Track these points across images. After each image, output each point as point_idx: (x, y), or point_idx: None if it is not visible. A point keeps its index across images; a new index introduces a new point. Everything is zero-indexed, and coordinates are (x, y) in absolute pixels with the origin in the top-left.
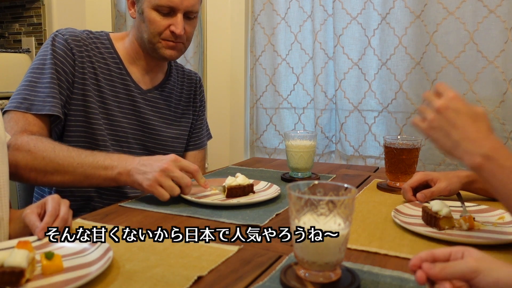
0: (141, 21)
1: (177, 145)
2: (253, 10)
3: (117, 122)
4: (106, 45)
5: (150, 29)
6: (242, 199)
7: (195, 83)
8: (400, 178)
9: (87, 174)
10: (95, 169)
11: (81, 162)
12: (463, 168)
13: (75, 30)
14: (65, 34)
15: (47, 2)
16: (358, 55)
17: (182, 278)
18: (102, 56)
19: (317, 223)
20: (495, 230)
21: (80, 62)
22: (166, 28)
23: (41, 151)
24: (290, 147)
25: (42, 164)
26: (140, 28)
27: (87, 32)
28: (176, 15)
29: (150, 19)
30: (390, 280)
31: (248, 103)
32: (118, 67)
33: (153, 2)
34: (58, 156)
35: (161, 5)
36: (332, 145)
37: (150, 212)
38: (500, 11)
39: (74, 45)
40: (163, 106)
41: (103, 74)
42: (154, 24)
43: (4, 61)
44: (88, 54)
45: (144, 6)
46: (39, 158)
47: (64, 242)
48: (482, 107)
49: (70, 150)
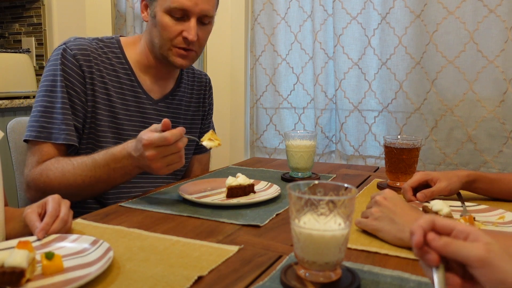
0: (153, 26)
1: (186, 153)
2: (253, 10)
3: (126, 135)
4: (117, 53)
5: (161, 34)
6: (242, 199)
7: (204, 85)
8: (400, 178)
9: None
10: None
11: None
12: (463, 168)
13: (83, 41)
14: (73, 49)
15: (47, 2)
16: (358, 55)
17: (182, 278)
18: (112, 68)
19: (317, 223)
20: (495, 229)
21: (90, 78)
22: (179, 34)
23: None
24: (290, 147)
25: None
26: (151, 32)
27: (96, 41)
28: (189, 20)
29: (162, 24)
30: (390, 280)
31: (248, 103)
32: (129, 78)
33: (165, 5)
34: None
35: (173, 8)
36: (332, 145)
37: (150, 212)
38: (500, 11)
39: (83, 61)
40: (174, 115)
41: (114, 87)
42: (166, 29)
43: (4, 61)
44: (98, 68)
45: (157, 9)
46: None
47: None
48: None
49: (83, 164)
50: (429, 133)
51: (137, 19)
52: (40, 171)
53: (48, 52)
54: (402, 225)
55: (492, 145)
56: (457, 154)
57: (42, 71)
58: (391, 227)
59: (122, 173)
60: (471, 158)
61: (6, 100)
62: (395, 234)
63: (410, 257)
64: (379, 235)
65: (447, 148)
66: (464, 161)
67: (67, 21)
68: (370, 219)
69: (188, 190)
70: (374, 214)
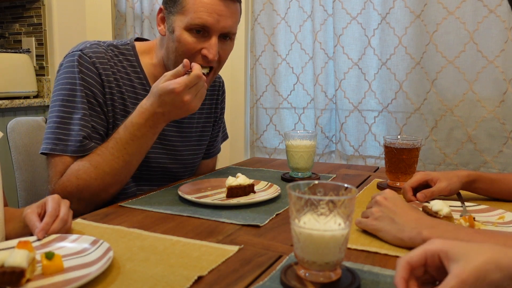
0: (171, 41)
1: (196, 159)
2: (253, 10)
3: None
4: (132, 62)
5: (179, 51)
6: (242, 199)
7: (217, 89)
8: (400, 178)
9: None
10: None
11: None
12: (463, 168)
13: (100, 47)
14: (91, 56)
15: (47, 2)
16: (358, 55)
17: (182, 278)
18: (128, 78)
19: (317, 223)
20: (495, 230)
21: (109, 87)
22: (198, 52)
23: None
24: (290, 147)
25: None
26: (169, 47)
27: (112, 48)
28: (210, 37)
29: (181, 40)
30: (390, 280)
31: (248, 103)
32: (143, 88)
33: (185, 22)
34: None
35: (195, 25)
36: (332, 145)
37: (150, 212)
38: (500, 11)
39: (102, 69)
40: (186, 125)
41: (130, 97)
42: (185, 47)
43: (4, 61)
44: (115, 77)
45: (176, 24)
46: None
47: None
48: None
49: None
50: (429, 133)
51: (137, 19)
52: (68, 177)
53: (48, 52)
54: (402, 225)
55: (492, 145)
56: (457, 154)
57: (42, 71)
58: (391, 227)
59: (151, 135)
60: (471, 158)
61: (6, 100)
62: (395, 234)
63: None
64: (379, 235)
65: (447, 148)
66: (464, 161)
67: (67, 21)
68: (370, 219)
69: (188, 190)
70: (374, 214)
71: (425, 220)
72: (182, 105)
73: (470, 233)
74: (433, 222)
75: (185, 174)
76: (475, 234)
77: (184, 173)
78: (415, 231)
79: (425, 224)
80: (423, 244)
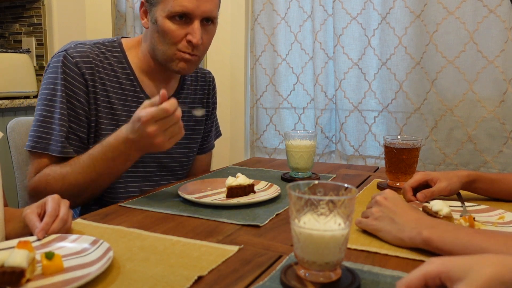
0: (155, 31)
1: (191, 155)
2: (253, 10)
3: None
4: (119, 58)
5: (165, 39)
6: (242, 199)
7: (208, 84)
8: (400, 178)
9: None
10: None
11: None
12: (463, 168)
13: (84, 47)
14: (74, 56)
15: (47, 2)
16: (358, 55)
17: (182, 278)
18: (114, 74)
19: (317, 223)
20: (495, 230)
21: (92, 86)
22: (183, 38)
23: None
24: (290, 147)
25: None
26: (153, 38)
27: (98, 46)
28: (192, 23)
29: (165, 29)
30: (390, 280)
31: (248, 103)
32: (131, 83)
33: (166, 10)
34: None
35: (175, 12)
36: (332, 145)
37: (150, 212)
38: (500, 11)
39: (85, 69)
40: None
41: (116, 93)
42: (169, 34)
43: (4, 61)
44: (100, 76)
45: (157, 14)
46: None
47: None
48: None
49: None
50: (429, 133)
51: (137, 19)
52: (39, 178)
53: (49, 52)
54: (402, 225)
55: (492, 145)
56: (457, 154)
57: (42, 71)
58: (391, 227)
59: (122, 161)
60: (471, 158)
61: (6, 100)
62: (395, 234)
63: (410, 257)
64: (379, 235)
65: (447, 148)
66: (464, 161)
67: (67, 21)
68: (370, 219)
69: (188, 190)
70: (374, 214)
71: (425, 220)
72: (147, 136)
73: (470, 233)
74: (433, 222)
75: (181, 170)
76: (475, 234)
77: (179, 169)
78: (415, 231)
79: (425, 224)
80: (422, 244)
